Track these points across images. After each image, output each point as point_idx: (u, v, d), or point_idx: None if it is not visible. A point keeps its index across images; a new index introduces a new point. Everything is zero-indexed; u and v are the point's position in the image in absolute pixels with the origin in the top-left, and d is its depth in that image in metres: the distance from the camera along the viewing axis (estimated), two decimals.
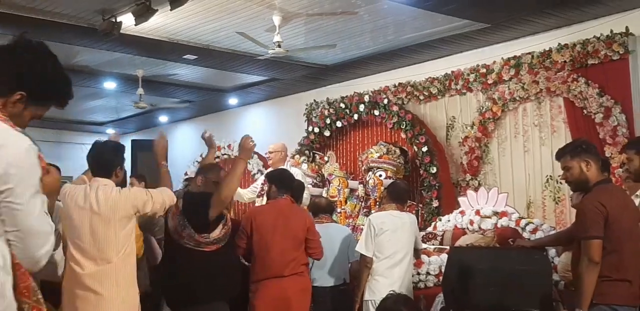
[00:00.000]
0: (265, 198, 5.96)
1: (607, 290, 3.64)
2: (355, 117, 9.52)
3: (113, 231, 3.76)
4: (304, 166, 9.16)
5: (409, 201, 8.05)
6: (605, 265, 3.64)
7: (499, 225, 6.83)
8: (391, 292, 4.78)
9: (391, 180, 7.83)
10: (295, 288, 4.96)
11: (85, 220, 3.75)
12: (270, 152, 7.78)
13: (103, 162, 3.96)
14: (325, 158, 9.43)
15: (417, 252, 5.73)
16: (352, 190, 8.94)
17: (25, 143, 1.95)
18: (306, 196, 6.93)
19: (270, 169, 7.76)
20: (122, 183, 4.18)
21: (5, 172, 1.86)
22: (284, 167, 7.57)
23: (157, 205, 3.95)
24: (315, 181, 9.11)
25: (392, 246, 5.34)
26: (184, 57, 9.07)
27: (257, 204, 7.31)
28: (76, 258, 3.74)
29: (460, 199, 7.63)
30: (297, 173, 7.43)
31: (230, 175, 4.48)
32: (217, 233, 4.51)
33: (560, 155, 4.00)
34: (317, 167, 9.39)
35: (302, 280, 5.04)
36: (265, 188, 5.93)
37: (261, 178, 8.30)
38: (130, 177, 8.32)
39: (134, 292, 3.83)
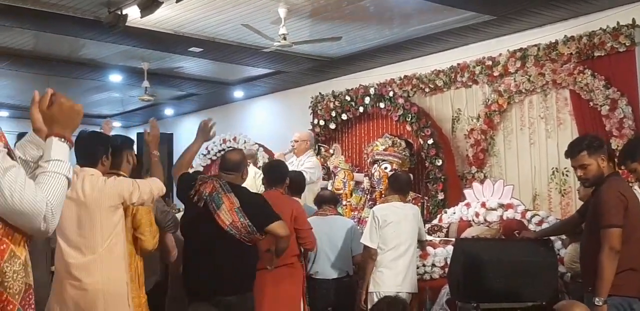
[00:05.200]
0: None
1: (621, 281, 3.64)
2: (361, 109, 9.52)
3: (99, 221, 3.71)
4: None
5: (414, 193, 8.11)
6: (620, 255, 3.65)
7: (504, 217, 6.82)
8: (388, 295, 4.80)
9: None
10: (284, 280, 4.93)
11: (73, 210, 3.69)
12: (295, 141, 7.66)
13: (88, 151, 3.88)
14: (331, 151, 9.42)
15: (421, 244, 5.74)
16: (358, 183, 8.94)
17: None
18: (311, 188, 6.88)
19: (292, 158, 7.67)
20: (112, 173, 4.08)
21: None
22: (307, 156, 7.50)
23: (145, 195, 3.88)
24: None
25: (396, 238, 5.35)
26: (190, 49, 9.07)
27: None
28: (63, 248, 3.71)
29: (466, 191, 7.62)
30: (313, 164, 7.30)
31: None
32: None
33: (576, 152, 3.91)
34: (322, 159, 9.37)
35: (292, 272, 5.01)
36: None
37: None
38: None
39: (121, 283, 3.74)
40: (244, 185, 4.67)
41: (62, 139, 2.04)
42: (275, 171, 5.38)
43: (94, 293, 3.62)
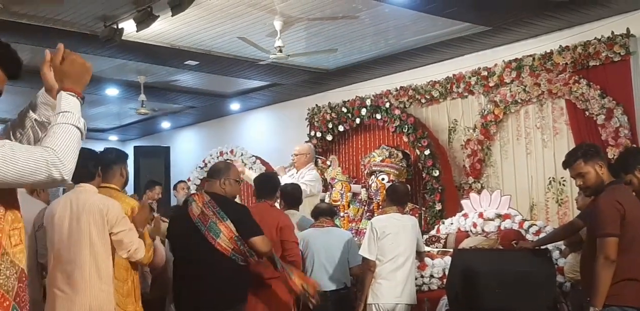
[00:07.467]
0: None
1: (619, 291, 3.62)
2: (357, 121, 9.54)
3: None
4: None
5: (412, 204, 8.10)
6: (618, 265, 3.62)
7: (502, 228, 6.82)
8: None
9: None
10: (274, 292, 4.86)
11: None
12: (295, 154, 7.65)
13: (82, 167, 3.94)
14: (328, 163, 9.42)
15: (420, 255, 5.72)
16: (355, 194, 8.94)
17: None
18: (311, 201, 6.84)
19: (292, 171, 7.63)
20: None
21: None
22: (308, 169, 7.47)
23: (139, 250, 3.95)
24: None
25: (395, 250, 5.33)
26: (186, 62, 9.10)
27: None
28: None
29: (463, 202, 7.63)
30: (313, 177, 7.26)
31: None
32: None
33: (572, 161, 3.91)
34: (319, 171, 9.37)
35: (282, 284, 4.91)
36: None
37: None
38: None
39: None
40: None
41: (73, 93, 2.08)
42: (265, 183, 5.37)
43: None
